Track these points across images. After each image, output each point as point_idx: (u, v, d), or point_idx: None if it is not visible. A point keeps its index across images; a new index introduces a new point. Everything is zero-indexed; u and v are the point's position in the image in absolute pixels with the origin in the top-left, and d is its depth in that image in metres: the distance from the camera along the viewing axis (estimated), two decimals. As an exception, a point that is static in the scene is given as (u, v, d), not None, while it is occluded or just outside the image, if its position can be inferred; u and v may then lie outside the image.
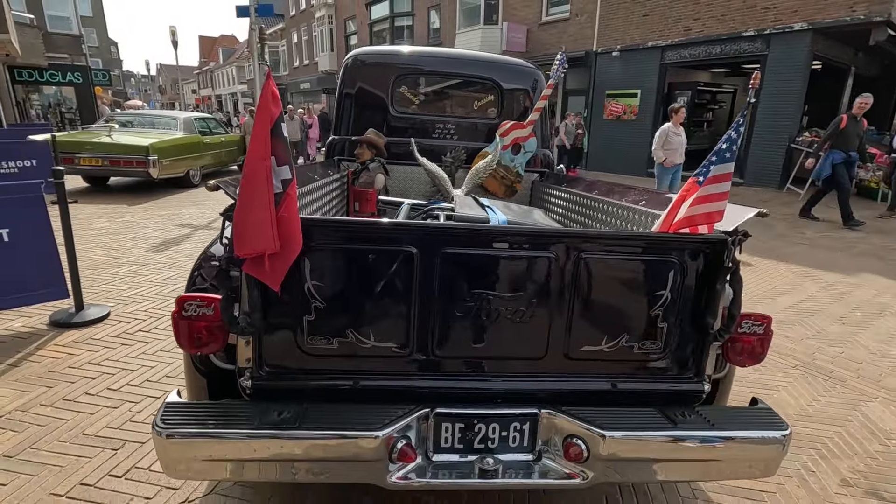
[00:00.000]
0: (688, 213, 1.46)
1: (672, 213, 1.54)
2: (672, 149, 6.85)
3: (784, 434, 1.45)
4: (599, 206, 2.45)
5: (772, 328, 1.57)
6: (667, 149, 6.87)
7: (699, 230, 1.46)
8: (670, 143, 6.84)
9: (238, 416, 1.33)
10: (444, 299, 1.41)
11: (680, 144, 6.89)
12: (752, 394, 2.62)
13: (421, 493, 1.89)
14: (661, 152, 6.91)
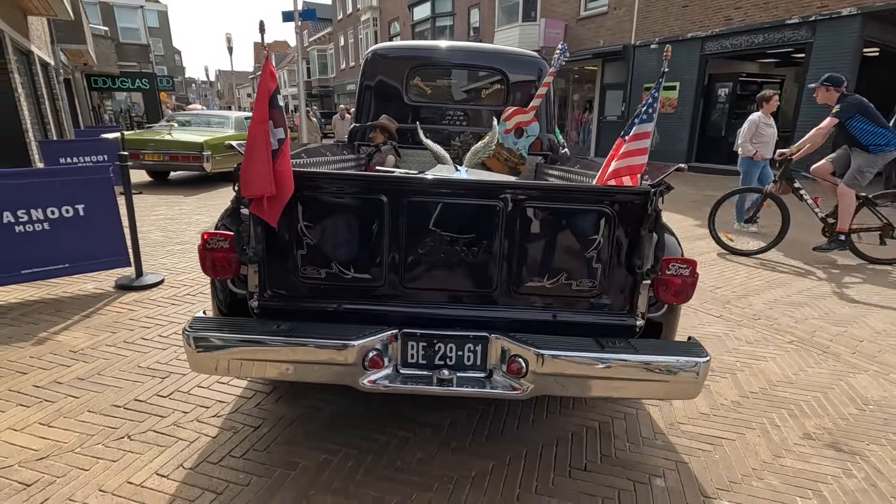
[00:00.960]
0: (614, 167, 1.71)
1: (605, 169, 1.79)
2: (763, 142, 6.07)
3: (699, 361, 1.66)
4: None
5: (697, 271, 1.79)
6: (756, 142, 6.08)
7: (623, 181, 1.71)
8: (761, 134, 6.07)
9: (245, 327, 1.71)
10: (409, 239, 1.73)
11: (771, 137, 6.11)
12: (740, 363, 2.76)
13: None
14: (749, 145, 6.08)
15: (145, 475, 1.92)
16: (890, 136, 4.72)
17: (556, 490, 1.93)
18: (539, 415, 2.42)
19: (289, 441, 2.15)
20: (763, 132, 6.08)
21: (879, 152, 4.76)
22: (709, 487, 1.98)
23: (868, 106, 4.80)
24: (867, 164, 4.81)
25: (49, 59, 11.56)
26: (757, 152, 6.06)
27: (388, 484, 1.93)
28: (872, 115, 4.77)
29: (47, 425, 2.20)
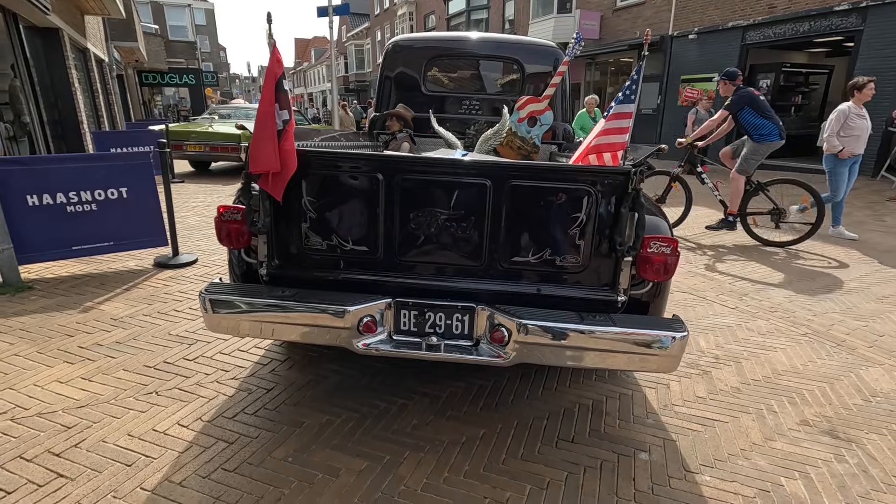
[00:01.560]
0: (594, 143, 1.78)
1: (586, 149, 1.86)
2: (853, 135, 5.26)
3: (676, 335, 1.73)
4: None
5: (678, 251, 1.84)
6: (845, 135, 5.27)
7: (604, 158, 1.78)
8: (850, 127, 5.25)
9: (253, 292, 1.89)
10: (402, 215, 1.86)
11: (863, 130, 5.28)
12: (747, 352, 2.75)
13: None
14: (836, 140, 5.28)
15: (168, 424, 2.14)
16: (773, 127, 5.17)
17: (541, 458, 2.03)
18: (534, 391, 2.52)
19: (296, 403, 2.33)
20: (853, 124, 5.27)
21: (763, 141, 5.24)
22: (692, 463, 2.03)
23: (756, 99, 5.24)
24: (752, 152, 5.30)
25: (104, 55, 12.30)
26: (844, 148, 5.28)
27: (382, 444, 2.07)
28: (760, 107, 5.21)
29: (88, 380, 2.46)
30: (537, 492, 1.84)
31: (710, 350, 3.03)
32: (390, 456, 2.00)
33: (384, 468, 1.94)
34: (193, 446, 2.01)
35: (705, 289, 4.09)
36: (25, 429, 2.08)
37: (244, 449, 2.01)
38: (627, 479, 1.92)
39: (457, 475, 1.91)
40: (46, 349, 2.74)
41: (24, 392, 2.34)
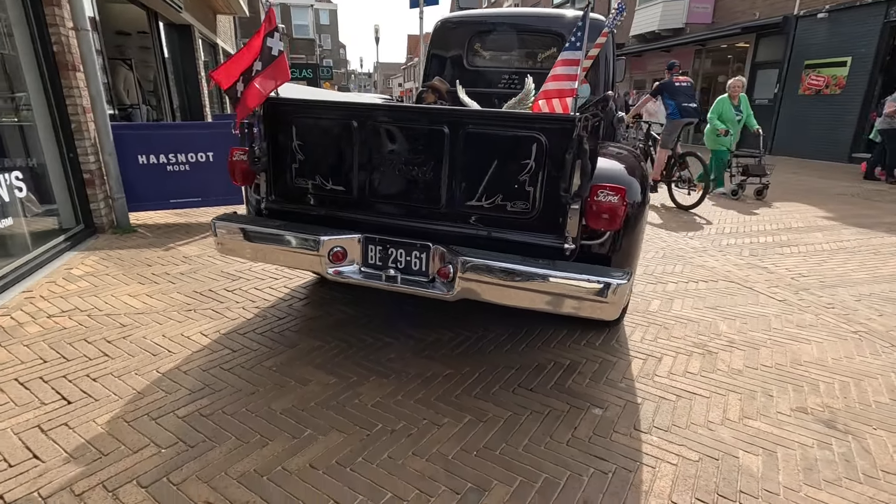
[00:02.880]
0: (544, 88, 1.82)
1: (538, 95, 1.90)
2: None
3: (611, 282, 1.73)
4: None
5: (626, 199, 1.82)
6: None
7: (553, 104, 1.81)
8: None
9: (251, 222, 2.22)
10: (373, 159, 2.07)
11: None
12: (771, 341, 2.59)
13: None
14: None
15: (193, 332, 2.59)
16: (675, 109, 6.20)
17: (493, 398, 2.13)
18: (516, 346, 2.60)
19: (298, 330, 2.67)
20: None
21: (672, 119, 6.29)
22: (645, 424, 2.00)
23: (670, 85, 6.29)
24: (668, 128, 6.39)
25: (232, 50, 14.02)
26: None
27: (355, 368, 2.32)
28: (671, 92, 6.25)
29: (149, 296, 3.03)
30: (474, 423, 1.96)
31: (728, 334, 2.84)
32: (357, 378, 2.24)
33: (348, 385, 2.18)
34: (205, 349, 2.42)
35: (756, 280, 3.77)
36: (95, 323, 2.65)
37: (242, 356, 2.38)
38: (568, 427, 1.96)
39: (408, 399, 2.09)
40: (129, 273, 3.39)
41: (103, 299, 2.95)
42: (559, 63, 1.79)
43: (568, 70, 1.75)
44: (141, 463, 1.66)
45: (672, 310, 3.16)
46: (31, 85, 3.80)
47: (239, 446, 1.77)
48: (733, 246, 4.69)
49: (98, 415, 1.90)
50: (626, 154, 2.40)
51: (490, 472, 1.70)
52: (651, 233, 5.07)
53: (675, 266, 4.03)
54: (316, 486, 1.60)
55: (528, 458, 1.77)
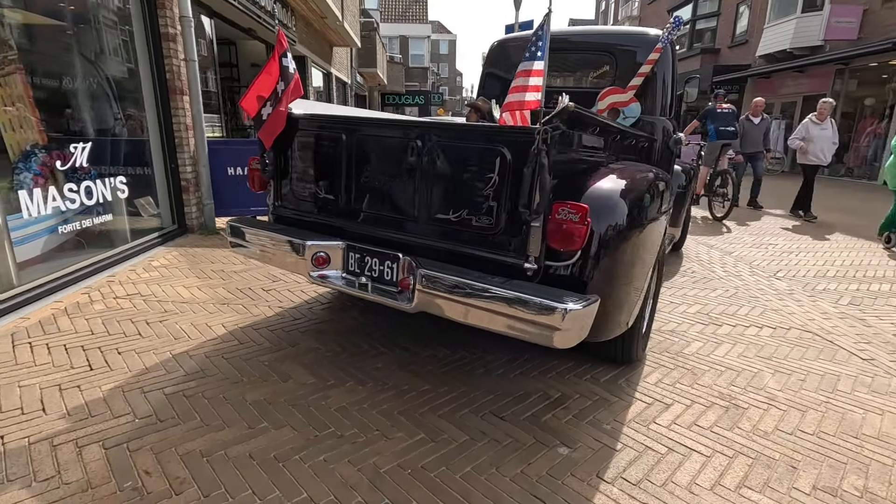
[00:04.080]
0: (507, 100, 1.74)
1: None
2: None
3: (559, 306, 1.58)
4: None
5: (588, 219, 1.65)
6: None
7: (515, 115, 1.73)
8: None
9: (254, 225, 2.42)
10: (357, 169, 2.14)
11: None
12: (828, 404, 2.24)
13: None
14: None
15: (216, 323, 2.86)
16: (713, 132, 6.88)
17: (457, 421, 2.04)
18: (509, 371, 2.47)
19: (305, 331, 2.81)
20: None
21: (711, 141, 6.93)
22: (612, 473, 1.77)
23: (712, 111, 6.96)
24: (708, 149, 6.98)
25: (346, 79, 15.41)
26: None
27: (337, 372, 2.38)
28: (713, 117, 6.92)
29: (198, 289, 3.41)
30: (425, 441, 1.90)
31: (772, 389, 2.41)
32: (335, 381, 2.30)
33: (323, 387, 2.24)
34: (218, 339, 2.67)
35: (844, 333, 3.16)
36: (146, 306, 3.06)
37: (245, 349, 2.57)
38: (521, 461, 1.81)
39: (372, 409, 2.10)
40: (194, 268, 3.86)
41: (162, 287, 3.39)
42: (519, 73, 1.71)
43: (532, 81, 1.67)
44: (114, 427, 1.87)
45: (712, 354, 2.77)
46: (148, 107, 4.56)
47: (199, 427, 1.91)
48: (831, 291, 3.99)
49: (106, 382, 2.18)
50: (636, 173, 2.20)
51: (413, 492, 1.63)
52: (730, 269, 4.51)
53: (742, 308, 3.53)
54: (243, 474, 1.67)
55: (459, 486, 1.67)
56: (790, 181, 12.09)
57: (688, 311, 3.44)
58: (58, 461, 1.68)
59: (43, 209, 3.32)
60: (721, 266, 4.67)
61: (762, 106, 7.64)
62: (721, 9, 18.40)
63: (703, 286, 4.02)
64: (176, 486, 1.60)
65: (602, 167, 2.11)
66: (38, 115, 3.79)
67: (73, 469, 1.65)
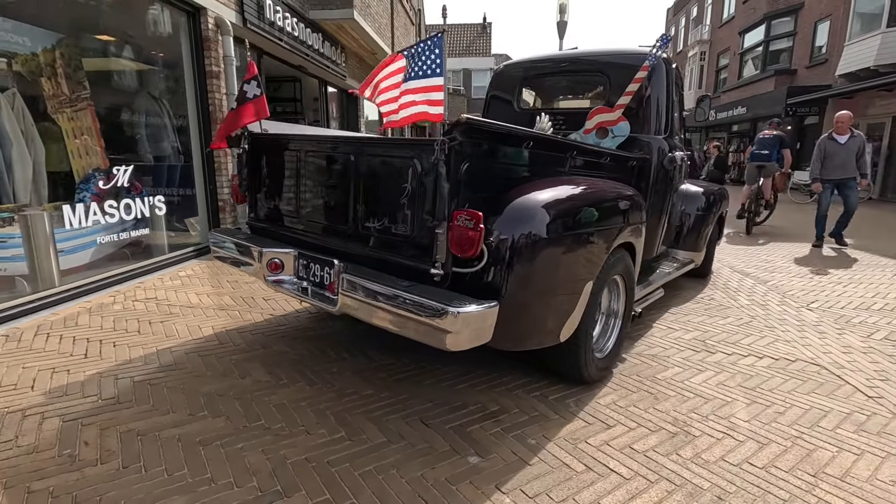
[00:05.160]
0: (411, 112, 1.84)
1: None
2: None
3: (449, 309, 1.62)
4: None
5: (481, 225, 1.68)
6: None
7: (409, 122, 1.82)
8: None
9: (228, 234, 2.67)
10: (307, 183, 2.33)
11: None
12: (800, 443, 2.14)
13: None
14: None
15: (208, 325, 3.14)
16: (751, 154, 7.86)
17: (382, 423, 2.10)
18: (460, 382, 2.48)
19: (281, 336, 3.00)
20: None
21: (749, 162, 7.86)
22: (512, 485, 1.74)
23: (757, 136, 7.88)
24: (747, 171, 7.89)
25: (404, 110, 16.17)
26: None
27: (292, 373, 2.53)
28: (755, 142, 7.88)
29: (207, 295, 3.75)
30: (342, 440, 1.97)
31: (738, 420, 2.23)
32: (287, 381, 2.45)
33: (275, 385, 2.40)
34: (203, 339, 2.92)
35: (860, 368, 2.84)
36: (155, 309, 3.41)
37: (222, 349, 2.80)
38: (425, 465, 1.83)
39: (309, 407, 2.21)
40: (212, 278, 4.24)
41: (177, 294, 3.77)
42: (421, 90, 1.81)
43: (433, 96, 1.77)
44: (79, 405, 2.13)
45: (688, 381, 2.61)
46: (193, 135, 5.14)
47: (148, 410, 2.12)
48: (867, 325, 3.58)
49: (91, 369, 2.48)
50: (574, 187, 2.20)
51: (306, 483, 1.71)
52: (757, 297, 4.18)
53: (749, 338, 3.28)
54: (164, 453, 1.83)
55: (353, 481, 1.72)
56: (878, 210, 10.91)
57: (683, 338, 3.25)
58: (21, 428, 1.95)
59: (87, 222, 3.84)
60: (748, 294, 4.34)
61: (849, 121, 6.22)
62: (797, 27, 17.30)
63: (715, 314, 3.77)
64: (104, 456, 1.80)
65: (536, 179, 2.14)
66: (102, 144, 4.43)
67: (30, 435, 1.91)
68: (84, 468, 1.73)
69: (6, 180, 3.77)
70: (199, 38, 5.00)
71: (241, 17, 5.55)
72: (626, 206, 2.48)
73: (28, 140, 3.95)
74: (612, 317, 2.72)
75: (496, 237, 1.83)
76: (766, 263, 5.63)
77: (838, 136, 6.23)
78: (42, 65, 4.05)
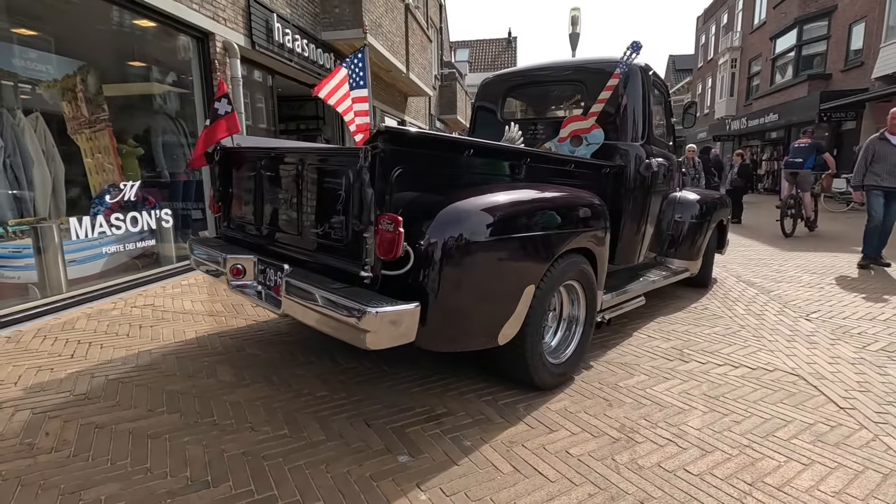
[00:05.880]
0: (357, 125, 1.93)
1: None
2: None
3: (365, 309, 1.69)
4: None
5: (400, 229, 1.75)
6: None
7: (357, 137, 1.91)
8: None
9: (202, 242, 2.83)
10: (264, 193, 2.46)
11: None
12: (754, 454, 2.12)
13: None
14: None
15: (192, 330, 3.30)
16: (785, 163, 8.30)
17: (327, 422, 2.16)
18: (413, 386, 2.53)
19: (258, 341, 3.13)
20: None
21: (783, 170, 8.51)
22: (432, 484, 1.77)
23: (792, 146, 8.31)
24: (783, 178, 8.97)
25: (424, 125, 16.42)
26: None
27: (256, 375, 2.63)
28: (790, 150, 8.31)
29: (201, 303, 3.93)
30: (284, 436, 2.05)
31: (689, 427, 2.18)
32: (249, 381, 2.56)
33: (236, 385, 2.51)
34: (183, 342, 3.08)
35: (842, 380, 2.72)
36: (150, 314, 3.61)
37: (198, 351, 2.94)
38: (353, 463, 1.88)
39: (263, 406, 2.30)
40: (210, 287, 4.44)
41: (173, 301, 3.97)
42: (356, 100, 1.91)
43: (361, 107, 1.86)
44: (51, 400, 2.30)
45: (649, 389, 2.57)
46: (203, 152, 5.44)
47: (111, 406, 2.27)
48: (867, 335, 3.41)
49: (73, 367, 2.66)
50: (514, 193, 2.24)
51: (235, 474, 1.79)
52: (755, 308, 4.05)
53: (731, 347, 3.18)
54: (114, 444, 1.96)
55: (280, 474, 1.79)
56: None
57: (660, 346, 3.19)
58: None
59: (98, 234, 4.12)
60: (746, 304, 4.21)
61: None
62: (831, 30, 16.67)
63: (703, 323, 3.68)
64: (59, 446, 1.94)
65: (481, 185, 2.19)
66: (119, 162, 4.76)
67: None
68: (38, 455, 1.87)
69: (27, 196, 4.10)
70: (208, 61, 5.31)
71: (249, 41, 5.86)
72: (579, 213, 2.49)
73: (48, 159, 4.29)
74: (574, 323, 2.71)
75: (426, 240, 1.89)
76: (777, 273, 5.43)
77: (892, 136, 5.28)
78: (63, 90, 4.41)
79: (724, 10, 26.71)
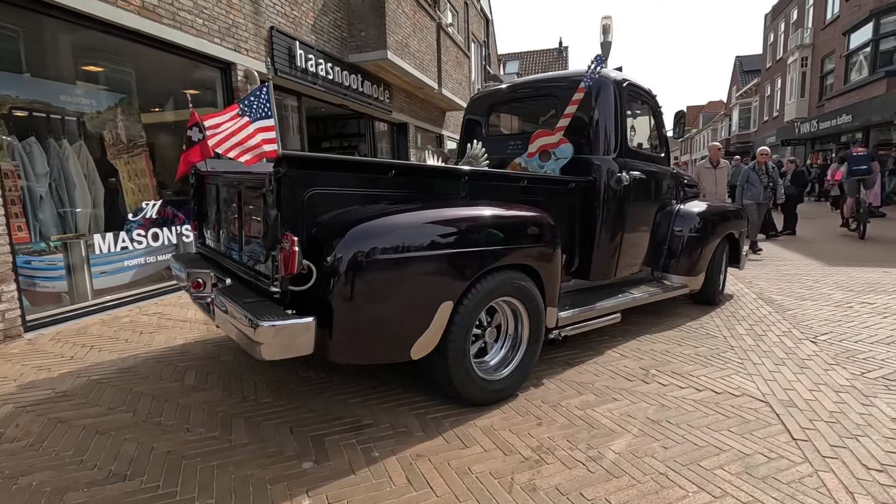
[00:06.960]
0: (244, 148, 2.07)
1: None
2: None
3: (263, 323, 1.82)
4: None
5: (295, 247, 1.86)
6: None
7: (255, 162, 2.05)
8: None
9: (183, 258, 3.10)
10: (219, 212, 2.68)
11: None
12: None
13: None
14: None
15: (182, 337, 3.60)
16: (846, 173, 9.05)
17: (256, 427, 2.31)
18: (354, 398, 2.62)
19: (235, 348, 3.36)
20: None
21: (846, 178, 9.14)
22: (320, 490, 1.85)
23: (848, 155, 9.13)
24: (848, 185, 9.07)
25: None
26: None
27: (217, 381, 2.84)
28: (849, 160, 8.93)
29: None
30: (211, 438, 2.21)
31: (610, 451, 2.12)
32: (209, 386, 2.76)
33: (194, 388, 2.72)
34: (169, 348, 3.37)
35: (811, 409, 2.51)
36: (154, 322, 3.97)
37: (178, 356, 3.22)
38: (259, 466, 1.99)
39: (208, 409, 2.49)
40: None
41: (178, 311, 4.33)
42: (259, 130, 2.05)
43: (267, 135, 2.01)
44: (35, 396, 2.62)
45: (590, 409, 2.51)
46: (226, 172, 5.90)
47: (81, 403, 2.55)
48: (874, 360, 3.10)
49: (66, 368, 3.01)
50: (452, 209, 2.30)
51: (152, 470, 1.96)
52: (759, 327, 3.80)
53: (706, 369, 3.02)
54: (67, 437, 2.21)
55: (191, 473, 1.95)
56: None
57: (627, 366, 3.08)
58: (-19, 410, 2.46)
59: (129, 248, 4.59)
60: (750, 323, 3.95)
61: None
62: (914, 22, 15.11)
63: (687, 342, 3.50)
64: (21, 436, 2.22)
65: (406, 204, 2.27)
66: (154, 183, 5.30)
67: (-17, 416, 2.41)
68: (2, 444, 2.16)
69: (69, 215, 4.66)
70: (231, 89, 5.78)
71: (272, 68, 6.30)
72: (512, 230, 2.50)
73: (90, 183, 4.85)
74: (518, 340, 2.70)
75: (333, 257, 2.00)
76: (808, 290, 5.02)
77: None
78: (105, 120, 4.99)
79: (794, 5, 24.96)
